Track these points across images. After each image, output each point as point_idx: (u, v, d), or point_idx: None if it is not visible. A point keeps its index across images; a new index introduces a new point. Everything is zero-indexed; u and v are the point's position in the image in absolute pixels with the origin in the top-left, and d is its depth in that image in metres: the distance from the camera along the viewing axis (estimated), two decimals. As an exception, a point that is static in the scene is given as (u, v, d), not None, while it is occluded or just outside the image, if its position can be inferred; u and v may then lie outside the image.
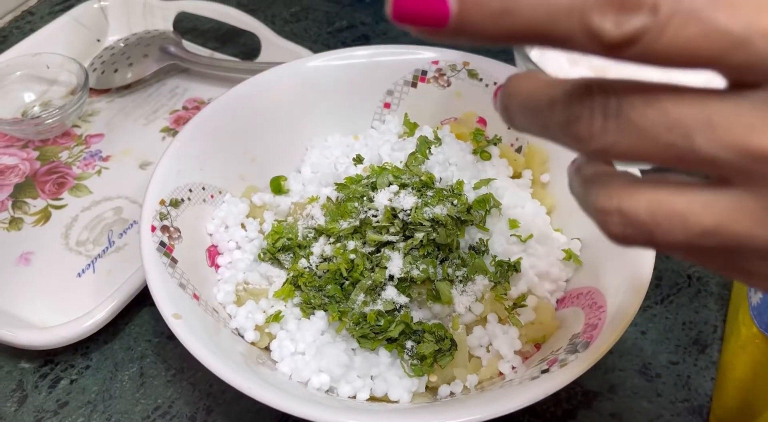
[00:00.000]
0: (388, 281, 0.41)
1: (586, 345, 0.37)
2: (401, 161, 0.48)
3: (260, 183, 0.51)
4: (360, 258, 0.42)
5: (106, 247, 0.53)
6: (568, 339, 0.39)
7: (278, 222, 0.47)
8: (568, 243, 0.47)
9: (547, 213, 0.49)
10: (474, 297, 0.42)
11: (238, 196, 0.50)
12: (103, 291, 0.48)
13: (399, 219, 0.42)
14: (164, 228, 0.44)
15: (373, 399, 0.40)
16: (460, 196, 0.45)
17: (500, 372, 0.41)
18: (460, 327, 0.42)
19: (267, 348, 0.43)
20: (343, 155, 0.52)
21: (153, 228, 0.43)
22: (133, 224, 0.54)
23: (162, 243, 0.43)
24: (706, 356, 0.47)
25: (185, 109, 0.64)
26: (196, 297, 0.42)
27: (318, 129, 0.54)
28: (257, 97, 0.51)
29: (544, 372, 0.37)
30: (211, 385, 0.46)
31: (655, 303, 0.50)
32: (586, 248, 0.46)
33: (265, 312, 0.43)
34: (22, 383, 0.46)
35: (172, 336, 0.47)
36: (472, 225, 0.44)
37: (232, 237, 0.48)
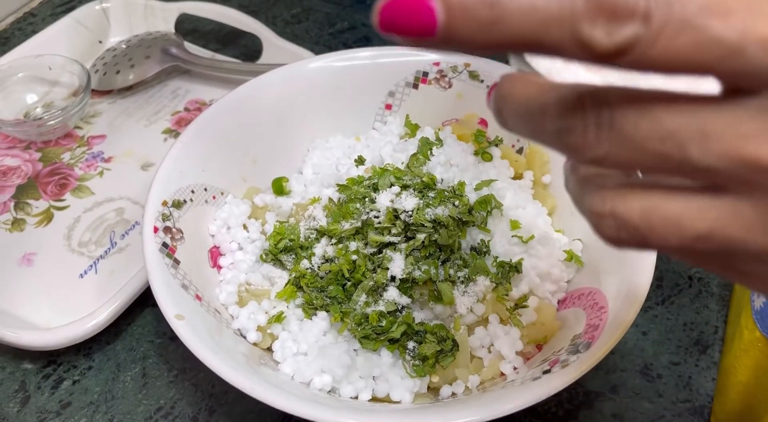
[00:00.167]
0: (390, 282, 0.42)
1: (588, 346, 0.37)
2: (403, 162, 0.48)
3: (262, 184, 0.51)
4: (362, 259, 0.42)
5: (109, 248, 0.53)
6: (570, 340, 0.40)
7: (280, 224, 0.47)
8: (570, 244, 0.47)
9: (549, 214, 0.49)
10: (475, 298, 0.42)
11: (240, 197, 0.50)
12: (106, 292, 0.48)
13: (401, 221, 0.42)
14: (167, 230, 0.44)
15: (375, 399, 0.40)
16: (462, 197, 0.45)
17: (502, 373, 0.41)
18: (462, 327, 0.42)
19: (269, 349, 0.43)
20: (345, 156, 0.52)
21: (155, 230, 0.43)
22: (135, 225, 0.54)
23: (164, 244, 0.43)
24: (707, 356, 0.47)
25: (187, 110, 0.64)
26: (198, 298, 0.42)
27: (319, 130, 0.54)
28: (259, 99, 0.51)
29: (545, 372, 0.37)
30: (214, 386, 0.46)
31: (656, 303, 0.50)
32: (588, 249, 0.46)
33: (267, 313, 0.43)
34: (24, 384, 0.46)
35: (174, 337, 0.47)
36: (473, 226, 0.44)
37: (234, 239, 0.48)
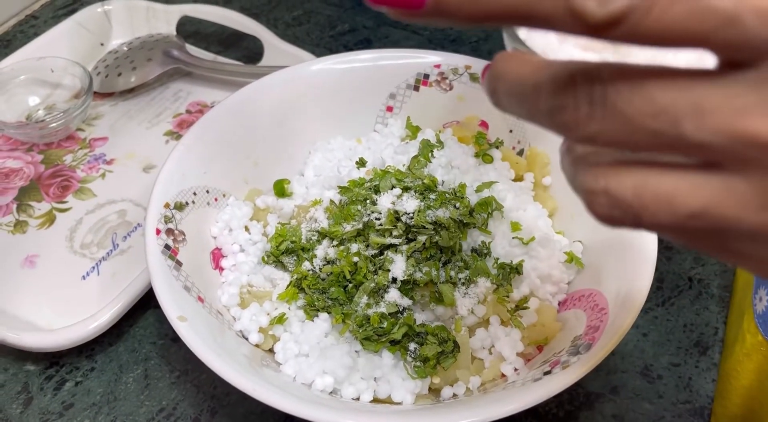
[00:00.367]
0: (391, 283, 0.42)
1: (588, 347, 0.37)
2: (404, 164, 0.48)
3: (264, 186, 0.51)
4: (363, 260, 0.42)
5: (111, 250, 0.53)
6: (570, 341, 0.40)
7: (282, 225, 0.47)
8: (570, 245, 0.47)
9: (549, 216, 0.49)
10: (476, 300, 0.43)
11: (242, 199, 0.50)
12: (108, 294, 0.49)
13: (402, 222, 0.43)
14: (169, 231, 0.44)
15: (376, 400, 0.41)
16: (463, 198, 0.45)
17: (502, 374, 0.42)
18: (463, 329, 0.42)
19: (271, 350, 0.43)
20: (346, 158, 0.52)
21: (158, 232, 0.43)
22: (137, 227, 0.54)
23: (167, 246, 0.43)
24: (707, 358, 0.47)
25: (188, 112, 0.64)
26: (200, 299, 0.42)
27: (321, 132, 0.54)
28: (260, 101, 0.52)
29: (546, 373, 0.37)
30: (216, 387, 0.46)
31: (657, 305, 0.50)
32: (588, 250, 0.46)
33: (269, 315, 0.44)
34: (27, 385, 0.47)
35: (176, 339, 0.47)
36: (474, 227, 0.45)
37: (236, 240, 0.48)
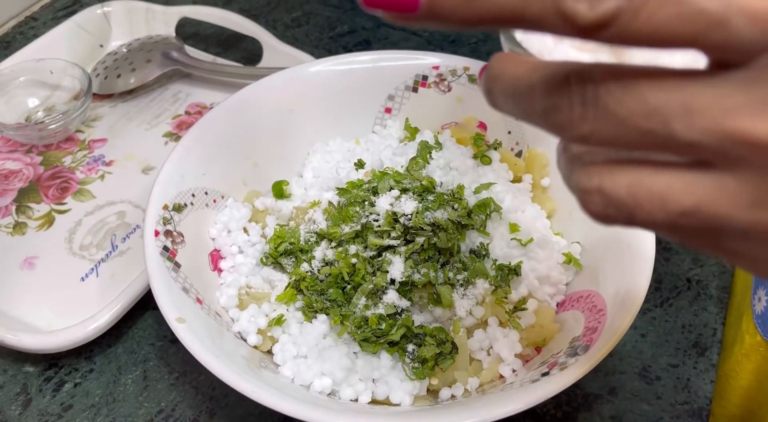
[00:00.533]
0: (390, 285, 0.42)
1: (586, 348, 0.37)
2: (402, 166, 0.48)
3: (262, 187, 0.51)
4: (361, 262, 0.42)
5: (110, 251, 0.53)
6: (568, 343, 0.40)
7: (280, 227, 0.47)
8: (568, 246, 0.47)
9: (548, 217, 0.49)
10: (475, 301, 0.43)
11: (241, 201, 0.50)
12: (107, 296, 0.49)
13: (400, 224, 0.43)
14: (167, 233, 0.44)
15: (374, 402, 0.41)
16: (461, 200, 0.45)
17: (501, 375, 0.42)
18: (461, 330, 0.42)
19: (269, 352, 0.43)
20: (345, 160, 0.52)
21: (156, 233, 0.43)
22: (136, 228, 0.54)
23: (165, 248, 0.43)
24: (705, 359, 0.47)
25: (188, 113, 0.64)
26: (199, 301, 0.42)
27: (319, 134, 0.54)
28: (259, 102, 0.52)
29: (544, 375, 0.37)
30: (214, 388, 0.46)
31: (655, 306, 0.50)
32: (586, 252, 0.46)
33: (267, 316, 0.44)
34: (26, 386, 0.47)
35: (175, 340, 0.48)
36: (472, 229, 0.45)
37: (234, 242, 0.48)
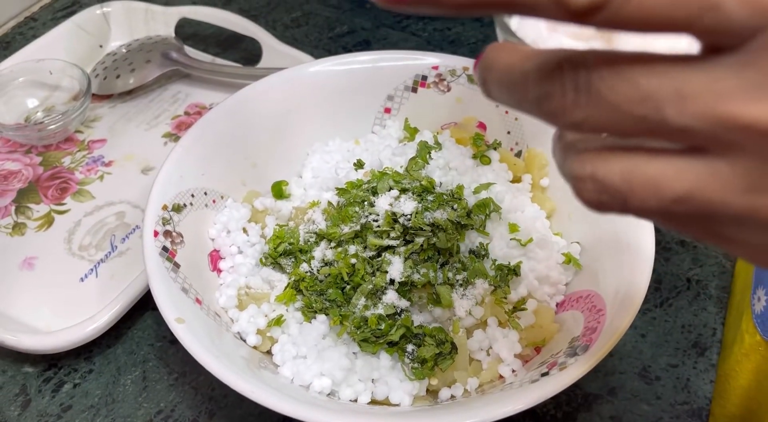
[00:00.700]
0: (389, 285, 0.42)
1: (586, 349, 0.37)
2: (402, 166, 0.48)
3: (262, 188, 0.51)
4: (361, 262, 0.42)
5: (109, 252, 0.53)
6: (568, 343, 0.40)
7: (280, 227, 0.47)
8: (568, 246, 0.47)
9: (547, 217, 0.49)
10: (474, 301, 0.43)
11: (240, 201, 0.50)
12: (106, 296, 0.49)
13: (399, 224, 0.43)
14: (167, 233, 0.44)
15: (374, 402, 0.41)
16: (460, 200, 0.45)
17: (500, 376, 0.42)
18: (461, 330, 0.42)
19: (269, 352, 0.43)
20: (344, 160, 0.52)
21: (156, 233, 0.43)
22: (135, 229, 0.54)
23: (164, 248, 0.43)
24: (705, 359, 0.47)
25: (187, 114, 0.64)
26: (198, 301, 0.42)
27: (319, 134, 0.54)
28: (258, 103, 0.52)
29: (543, 375, 0.37)
30: (213, 389, 0.46)
31: (655, 306, 0.50)
32: (586, 252, 0.46)
33: (266, 317, 0.44)
34: (25, 387, 0.47)
35: (174, 341, 0.48)
36: (472, 229, 0.45)
37: (233, 242, 0.48)
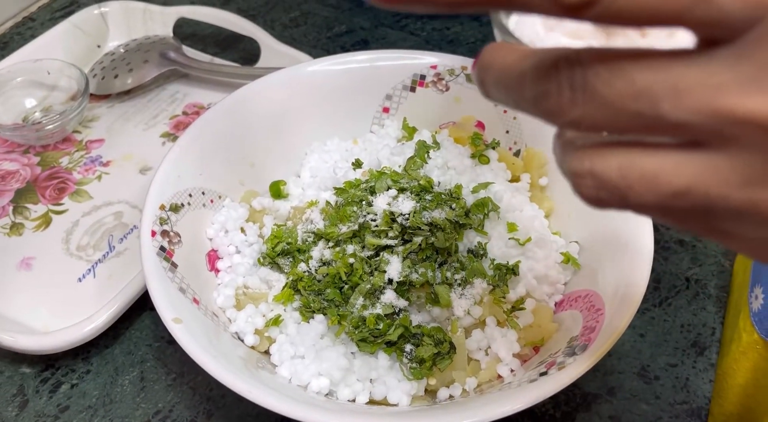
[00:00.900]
0: (387, 285, 0.42)
1: (584, 348, 0.37)
2: (400, 165, 0.48)
3: (260, 187, 0.51)
4: (359, 262, 0.42)
5: (107, 252, 0.53)
6: (567, 342, 0.40)
7: (278, 227, 0.47)
8: (566, 246, 0.47)
9: (546, 217, 0.49)
10: (473, 301, 0.42)
11: (238, 201, 0.50)
12: (104, 296, 0.49)
13: (398, 224, 0.42)
14: (164, 233, 0.44)
15: (372, 402, 0.41)
16: (459, 199, 0.45)
17: (499, 375, 0.41)
18: (459, 330, 0.42)
19: (267, 352, 0.43)
20: (342, 159, 0.52)
21: (153, 233, 0.43)
22: (133, 229, 0.54)
23: (162, 248, 0.43)
24: (704, 358, 0.47)
25: (185, 114, 0.64)
26: (196, 301, 0.42)
27: (317, 133, 0.54)
28: (257, 102, 0.52)
29: (542, 374, 0.37)
30: (211, 389, 0.46)
31: (654, 305, 0.50)
32: (584, 251, 0.46)
33: (264, 316, 0.43)
34: (23, 388, 0.46)
35: (172, 341, 0.47)
36: (470, 228, 0.44)
37: (231, 242, 0.48)
